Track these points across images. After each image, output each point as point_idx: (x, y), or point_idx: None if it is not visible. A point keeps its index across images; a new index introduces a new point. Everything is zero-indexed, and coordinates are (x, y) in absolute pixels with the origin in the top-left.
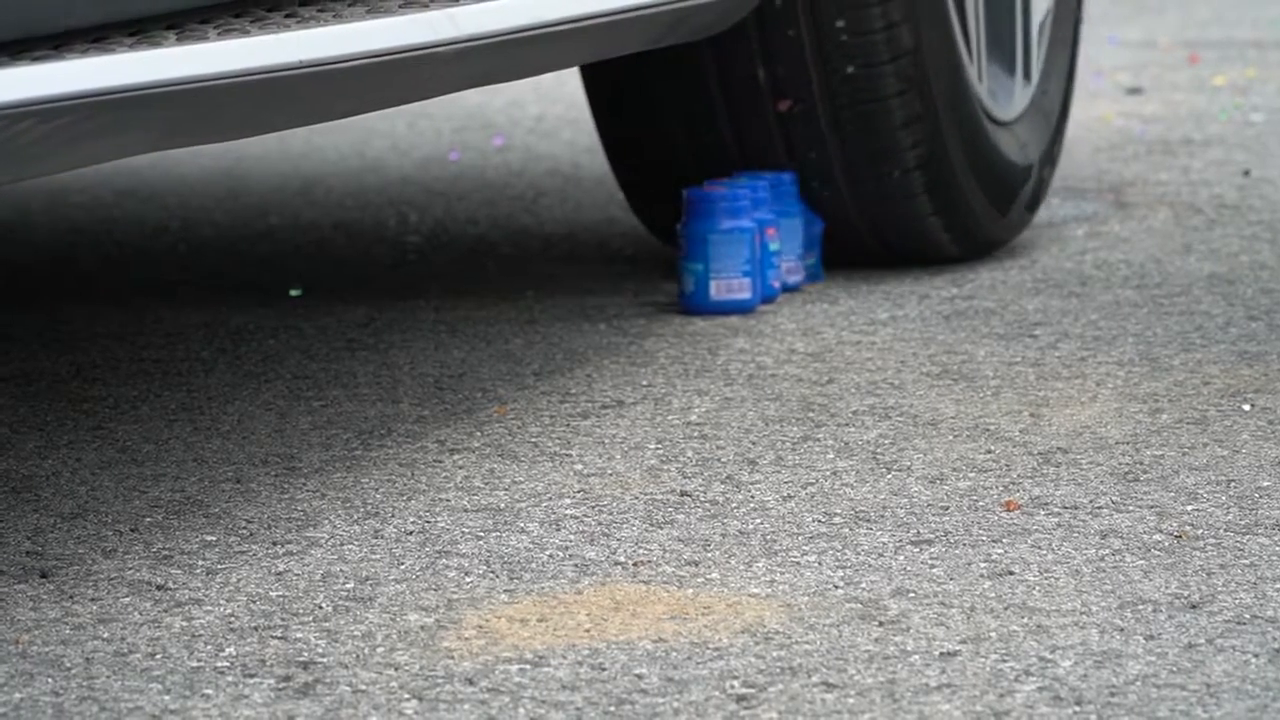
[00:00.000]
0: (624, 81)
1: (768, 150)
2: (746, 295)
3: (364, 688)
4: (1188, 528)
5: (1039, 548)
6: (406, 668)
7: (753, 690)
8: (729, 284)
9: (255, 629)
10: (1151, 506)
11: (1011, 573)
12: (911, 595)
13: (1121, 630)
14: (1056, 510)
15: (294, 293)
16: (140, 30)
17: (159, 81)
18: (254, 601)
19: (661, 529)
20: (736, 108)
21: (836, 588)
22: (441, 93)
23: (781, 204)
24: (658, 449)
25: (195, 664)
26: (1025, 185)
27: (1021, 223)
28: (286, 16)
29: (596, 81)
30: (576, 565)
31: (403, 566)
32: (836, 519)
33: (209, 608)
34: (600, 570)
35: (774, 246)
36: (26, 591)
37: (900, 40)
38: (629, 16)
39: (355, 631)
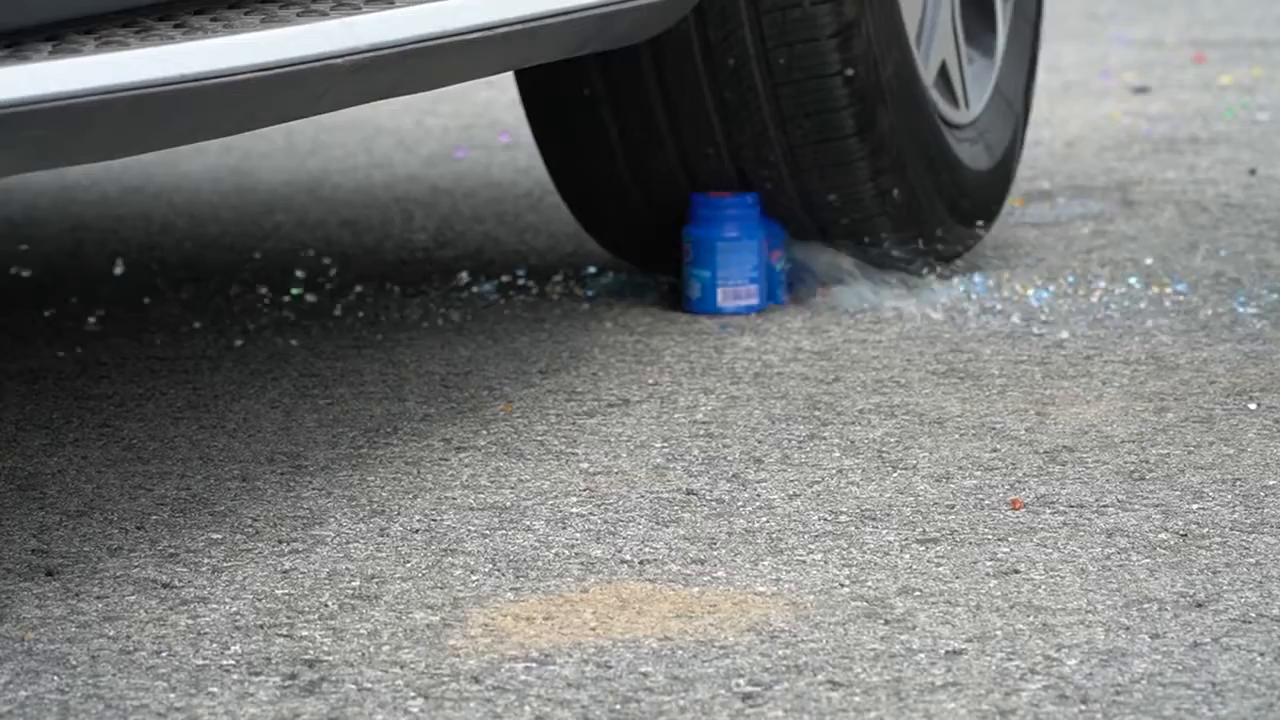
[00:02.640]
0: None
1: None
2: (754, 301)
3: (369, 686)
4: (1193, 526)
5: (1045, 546)
6: (412, 666)
7: (759, 688)
8: (736, 290)
9: (261, 627)
10: (1157, 505)
11: (1017, 571)
12: (917, 594)
13: (1127, 629)
14: (1062, 509)
15: (295, 292)
16: (15, 42)
17: (27, 99)
18: (260, 599)
19: (667, 527)
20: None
21: (842, 586)
22: (342, 106)
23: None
24: (664, 447)
25: (201, 662)
26: (1008, 170)
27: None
28: (175, 27)
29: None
30: (582, 563)
31: (409, 565)
32: (842, 517)
33: (215, 606)
34: (606, 568)
35: (779, 266)
36: (32, 589)
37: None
38: (545, 24)
39: (361, 630)
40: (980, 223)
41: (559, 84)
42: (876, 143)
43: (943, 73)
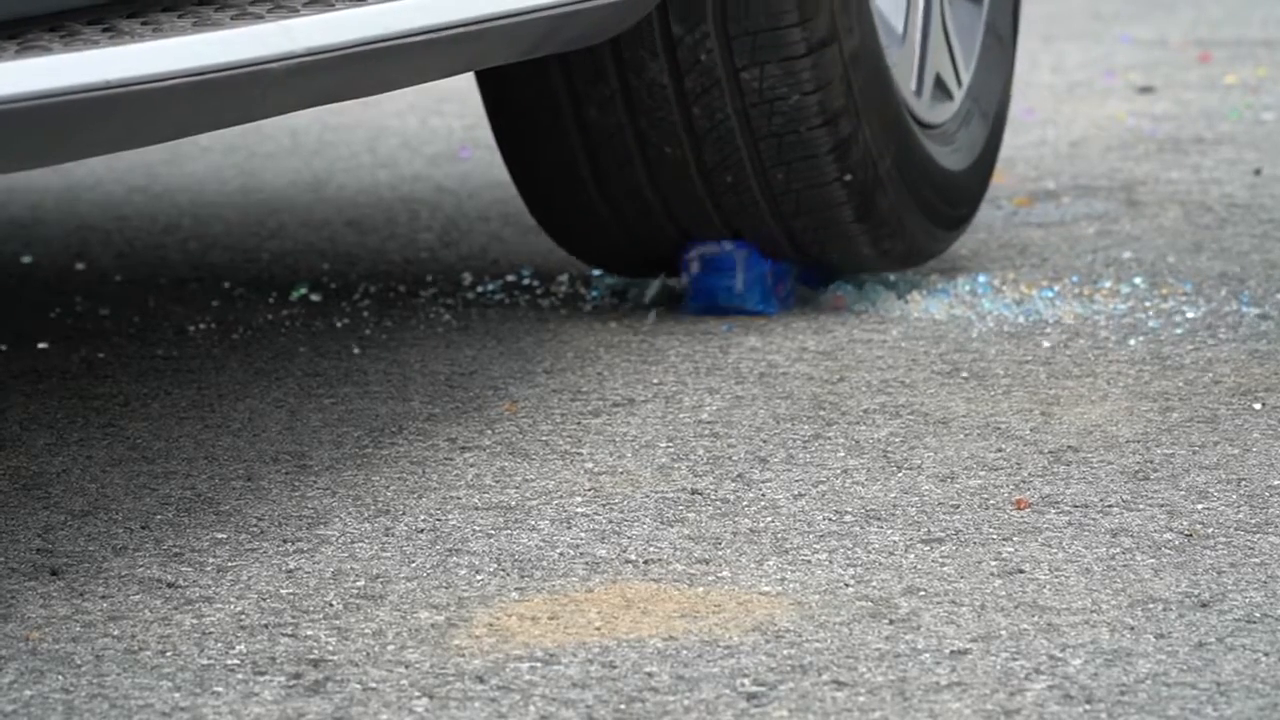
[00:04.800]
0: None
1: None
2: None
3: (374, 685)
4: (1198, 526)
5: (1049, 546)
6: (417, 665)
7: (763, 688)
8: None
9: (266, 626)
10: (1162, 505)
11: (1022, 571)
12: (922, 593)
13: (1132, 629)
14: (1067, 509)
15: (300, 291)
16: None
17: None
18: (264, 599)
19: (672, 527)
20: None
21: (847, 586)
22: (280, 112)
23: None
24: (669, 447)
25: (205, 661)
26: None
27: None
28: (103, 31)
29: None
30: (587, 563)
31: (413, 564)
32: (847, 517)
33: (219, 605)
34: (611, 568)
35: (783, 294)
36: (37, 589)
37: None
38: (494, 25)
39: (366, 629)
40: (966, 221)
41: (555, 181)
42: (876, 221)
43: (938, 81)
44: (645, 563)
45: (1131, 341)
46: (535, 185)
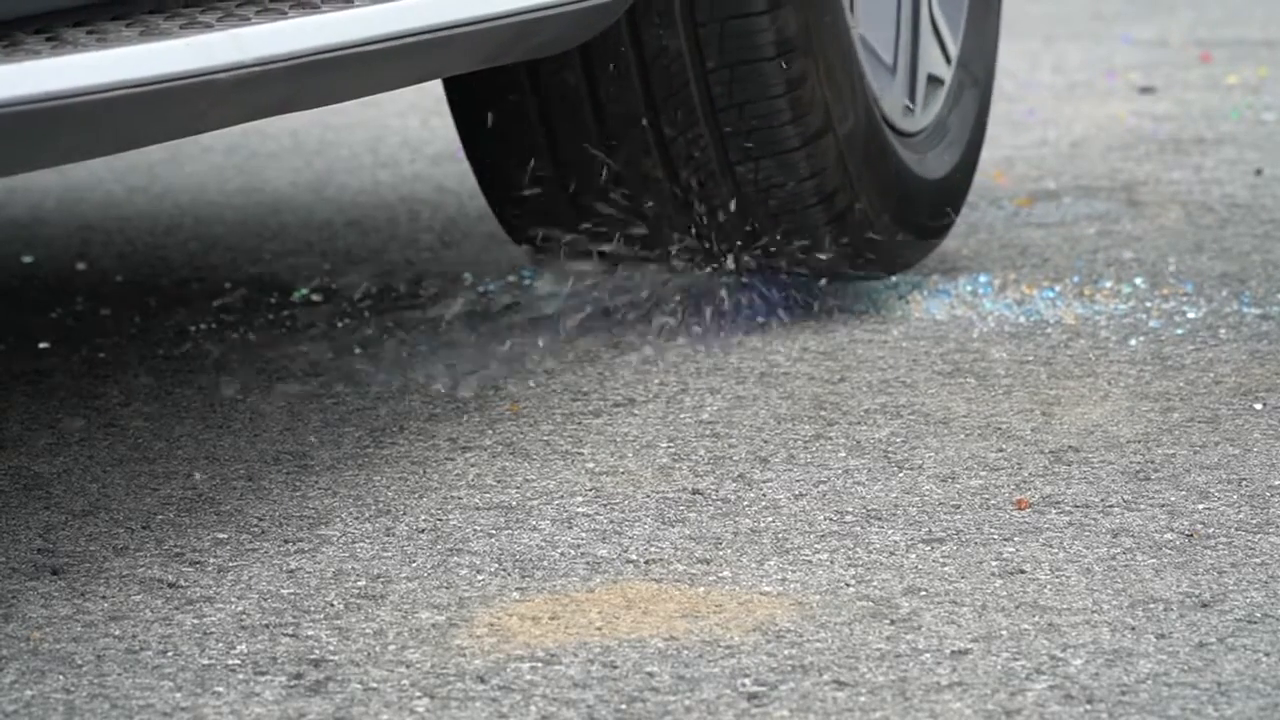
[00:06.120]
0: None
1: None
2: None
3: (375, 685)
4: (1199, 526)
5: (1050, 546)
6: (418, 665)
7: (764, 688)
8: None
9: (266, 626)
10: (1163, 505)
11: (1023, 571)
12: (923, 593)
13: (1133, 629)
14: (1068, 509)
15: (301, 292)
16: None
17: None
18: (265, 599)
19: (673, 527)
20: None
21: (848, 586)
22: (230, 123)
23: None
24: (669, 447)
25: (206, 661)
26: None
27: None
28: (46, 40)
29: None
30: (588, 563)
31: (414, 564)
32: (848, 517)
33: (220, 605)
34: (612, 568)
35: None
36: (38, 589)
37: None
38: (452, 34)
39: (367, 629)
40: (950, 227)
41: (557, 245)
42: (872, 264)
43: (930, 78)
44: (646, 563)
45: (1132, 342)
46: (538, 250)
